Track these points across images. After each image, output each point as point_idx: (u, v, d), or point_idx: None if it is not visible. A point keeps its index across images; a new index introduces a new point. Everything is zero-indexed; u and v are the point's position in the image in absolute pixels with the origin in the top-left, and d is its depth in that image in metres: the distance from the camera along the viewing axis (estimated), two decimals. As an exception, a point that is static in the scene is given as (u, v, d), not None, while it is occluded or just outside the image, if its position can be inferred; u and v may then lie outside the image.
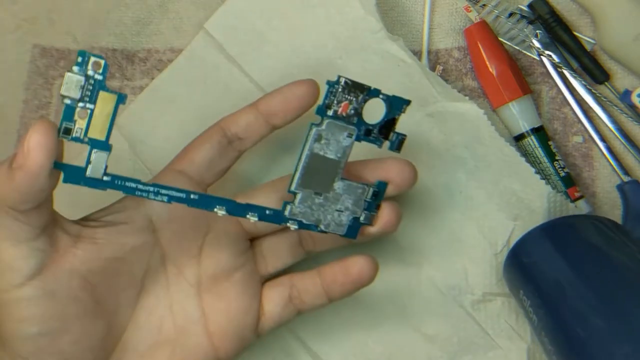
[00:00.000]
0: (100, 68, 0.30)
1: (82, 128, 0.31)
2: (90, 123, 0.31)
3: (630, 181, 0.44)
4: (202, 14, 0.47)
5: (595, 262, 0.37)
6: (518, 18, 0.45)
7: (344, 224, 0.37)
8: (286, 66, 0.45)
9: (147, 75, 0.48)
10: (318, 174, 0.36)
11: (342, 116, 0.35)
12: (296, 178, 0.35)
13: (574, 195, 0.44)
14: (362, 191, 0.37)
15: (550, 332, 0.36)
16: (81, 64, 0.30)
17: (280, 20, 0.45)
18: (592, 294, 0.36)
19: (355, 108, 0.35)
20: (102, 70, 0.30)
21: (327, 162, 0.36)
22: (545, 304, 0.37)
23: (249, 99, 0.45)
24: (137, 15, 0.48)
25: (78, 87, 0.30)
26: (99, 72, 0.30)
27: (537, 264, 0.39)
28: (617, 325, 0.34)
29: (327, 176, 0.36)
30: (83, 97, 0.30)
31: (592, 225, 0.39)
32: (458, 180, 0.43)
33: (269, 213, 0.35)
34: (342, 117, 0.35)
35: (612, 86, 0.45)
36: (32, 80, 0.48)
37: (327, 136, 0.35)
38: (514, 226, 0.42)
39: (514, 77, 0.44)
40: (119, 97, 0.31)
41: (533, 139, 0.44)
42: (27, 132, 0.30)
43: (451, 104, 0.43)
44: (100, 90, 0.31)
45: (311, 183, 0.36)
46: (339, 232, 0.37)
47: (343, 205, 0.36)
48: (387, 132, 0.37)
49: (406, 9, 0.46)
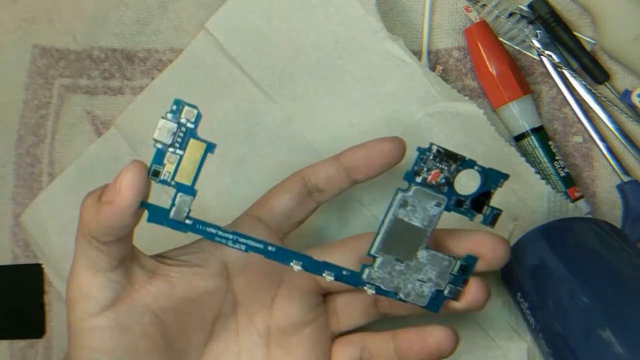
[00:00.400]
0: (193, 117, 0.32)
1: (170, 172, 0.32)
2: (178, 168, 0.32)
3: (630, 181, 0.44)
4: (202, 14, 0.47)
5: (592, 265, 0.37)
6: (518, 18, 0.45)
7: (426, 295, 0.35)
8: (286, 66, 0.45)
9: (147, 75, 0.48)
10: (401, 241, 0.35)
11: (431, 184, 0.34)
12: (377, 242, 0.34)
13: (574, 195, 0.44)
14: (448, 263, 0.35)
15: (548, 335, 0.36)
16: (175, 112, 0.31)
17: (280, 20, 0.45)
18: (589, 297, 0.35)
19: (446, 177, 0.34)
20: (194, 119, 0.32)
21: (411, 229, 0.34)
22: (543, 306, 0.37)
23: (249, 99, 0.45)
24: (137, 15, 0.48)
25: (170, 134, 0.31)
26: (192, 120, 0.32)
27: (535, 266, 0.39)
28: (614, 329, 0.34)
29: (411, 244, 0.35)
30: (174, 143, 0.32)
31: (589, 228, 0.39)
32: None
33: (345, 274, 0.34)
34: (432, 185, 0.34)
35: (612, 86, 0.45)
36: (32, 80, 0.48)
37: (413, 203, 0.34)
38: (514, 226, 0.42)
39: (514, 77, 0.44)
40: (208, 146, 0.32)
41: (533, 139, 0.44)
42: (121, 170, 0.31)
43: (451, 104, 0.43)
44: (191, 138, 0.32)
45: (393, 249, 0.35)
46: (419, 303, 0.35)
47: (426, 276, 0.35)
48: (480, 205, 0.35)
49: (406, 9, 0.46)
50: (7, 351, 0.48)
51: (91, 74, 0.48)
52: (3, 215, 0.49)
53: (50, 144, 0.48)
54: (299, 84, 0.45)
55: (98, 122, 0.47)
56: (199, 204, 0.46)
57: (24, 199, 0.48)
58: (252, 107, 0.45)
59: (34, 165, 0.48)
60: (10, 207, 0.49)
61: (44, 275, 0.48)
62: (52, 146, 0.48)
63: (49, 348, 0.48)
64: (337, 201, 0.41)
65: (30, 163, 0.48)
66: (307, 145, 0.44)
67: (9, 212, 0.49)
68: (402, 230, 0.34)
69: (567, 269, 0.37)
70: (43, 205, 0.47)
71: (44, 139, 0.48)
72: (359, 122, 0.44)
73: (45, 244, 0.47)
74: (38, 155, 0.48)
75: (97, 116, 0.48)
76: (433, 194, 0.34)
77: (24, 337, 0.48)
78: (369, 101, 0.44)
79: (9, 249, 0.49)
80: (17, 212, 0.49)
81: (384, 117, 0.44)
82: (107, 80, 0.48)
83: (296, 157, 0.44)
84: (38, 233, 0.47)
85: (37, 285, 0.48)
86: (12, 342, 0.48)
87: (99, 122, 0.48)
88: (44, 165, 0.48)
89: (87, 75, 0.48)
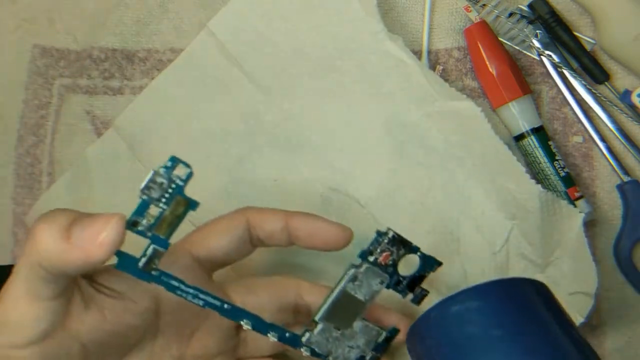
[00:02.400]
0: (185, 175, 0.31)
1: (149, 223, 0.31)
2: (158, 221, 0.31)
3: (630, 181, 0.44)
4: (203, 14, 0.47)
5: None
6: (518, 18, 0.45)
7: (351, 359, 0.39)
8: (286, 67, 0.45)
9: (147, 75, 0.48)
10: (343, 311, 0.38)
11: (380, 264, 0.37)
12: (322, 310, 0.37)
13: (574, 195, 0.44)
14: (376, 333, 0.39)
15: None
16: (169, 168, 0.31)
17: (281, 21, 0.45)
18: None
19: (394, 259, 0.38)
20: (185, 177, 0.31)
21: (354, 302, 0.38)
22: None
23: (249, 98, 0.45)
24: (137, 15, 0.48)
25: (159, 189, 0.31)
26: (183, 178, 0.31)
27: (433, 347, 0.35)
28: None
29: (351, 314, 0.38)
30: (160, 197, 0.31)
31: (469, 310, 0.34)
32: (456, 179, 0.43)
33: (288, 336, 0.37)
34: (381, 265, 0.37)
35: (612, 86, 0.45)
36: (32, 80, 0.48)
37: (361, 278, 0.37)
38: (513, 225, 0.42)
39: (514, 77, 0.44)
40: (191, 204, 0.32)
41: (533, 139, 0.44)
42: (100, 219, 0.29)
43: (449, 103, 0.43)
44: (178, 195, 0.31)
45: (334, 318, 0.38)
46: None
47: (355, 343, 0.39)
48: (413, 286, 0.39)
49: (406, 9, 0.46)
50: (7, 351, 0.48)
51: (91, 74, 0.48)
52: (3, 215, 0.49)
53: (50, 144, 0.48)
54: (298, 84, 0.45)
55: (98, 122, 0.48)
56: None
57: (24, 199, 0.48)
58: (251, 107, 0.45)
59: (34, 165, 0.48)
60: (10, 207, 0.49)
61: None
62: (52, 146, 0.48)
63: (49, 348, 0.48)
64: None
65: (30, 163, 0.48)
66: (306, 146, 0.44)
67: (9, 212, 0.49)
68: (346, 302, 0.38)
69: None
70: (45, 207, 0.47)
71: (44, 139, 0.48)
72: (358, 123, 0.44)
73: None
74: (38, 155, 0.48)
75: (97, 116, 0.48)
76: (380, 272, 0.38)
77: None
78: (368, 101, 0.44)
79: (9, 249, 0.49)
80: (17, 212, 0.49)
81: (383, 117, 0.44)
82: (107, 80, 0.48)
83: (295, 157, 0.44)
84: None
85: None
86: (12, 342, 0.48)
87: (98, 122, 0.48)
88: (44, 165, 0.48)
89: (87, 75, 0.48)
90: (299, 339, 0.37)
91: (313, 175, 0.44)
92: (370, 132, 0.44)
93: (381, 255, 0.37)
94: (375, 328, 0.39)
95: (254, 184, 0.44)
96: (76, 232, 0.30)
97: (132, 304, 0.35)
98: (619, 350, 0.44)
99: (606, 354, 0.44)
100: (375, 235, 0.37)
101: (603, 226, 0.45)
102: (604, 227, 0.45)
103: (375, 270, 0.37)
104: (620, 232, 0.44)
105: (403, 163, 0.43)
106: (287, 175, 0.44)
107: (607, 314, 0.44)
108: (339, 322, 0.38)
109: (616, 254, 0.44)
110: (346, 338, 0.38)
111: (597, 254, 0.44)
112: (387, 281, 0.38)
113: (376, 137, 0.44)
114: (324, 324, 0.38)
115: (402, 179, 0.43)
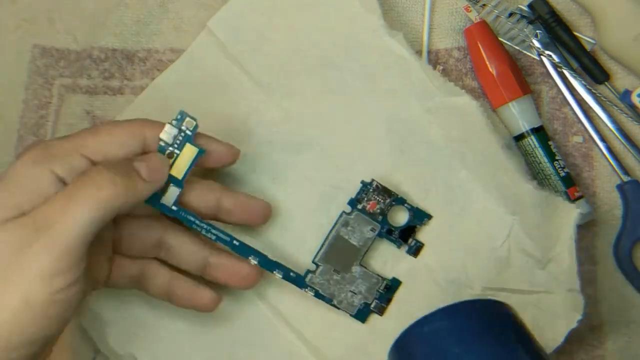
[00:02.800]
0: (192, 127, 0.39)
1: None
2: (173, 164, 0.39)
3: (630, 181, 0.44)
4: (203, 14, 0.47)
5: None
6: (518, 18, 0.45)
7: (355, 305, 0.42)
8: (285, 64, 0.45)
9: (147, 75, 0.48)
10: (340, 255, 0.42)
11: (369, 212, 0.42)
12: (321, 252, 0.42)
13: (574, 195, 0.44)
14: (376, 281, 0.42)
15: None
16: (179, 120, 0.39)
17: (280, 18, 0.45)
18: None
19: (381, 209, 0.42)
20: (192, 128, 0.39)
21: (349, 247, 0.42)
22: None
23: (248, 97, 0.45)
24: (137, 15, 0.48)
25: (172, 136, 0.38)
26: (190, 129, 0.39)
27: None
28: None
29: (347, 259, 0.42)
30: (173, 143, 0.38)
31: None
32: (457, 174, 0.43)
33: (292, 275, 0.41)
34: (369, 213, 0.42)
35: (612, 86, 0.45)
36: (32, 80, 0.48)
37: (353, 225, 0.42)
38: (513, 220, 0.42)
39: (514, 77, 0.44)
40: (199, 151, 0.39)
41: (533, 139, 0.44)
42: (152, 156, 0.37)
43: (449, 99, 0.43)
44: (187, 142, 0.39)
45: (332, 260, 0.42)
46: (349, 311, 0.42)
47: (357, 289, 0.42)
48: (406, 237, 0.42)
49: (406, 9, 0.46)
50: (6, 351, 0.48)
51: (91, 74, 0.48)
52: (3, 215, 0.49)
53: (50, 144, 0.48)
54: (297, 82, 0.45)
55: (98, 122, 0.48)
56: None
57: (24, 198, 0.48)
58: (251, 105, 0.45)
59: (34, 165, 0.48)
60: (10, 207, 0.49)
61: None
62: (52, 146, 0.48)
63: (49, 348, 0.48)
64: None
65: (30, 163, 0.48)
66: (306, 143, 0.44)
67: (9, 212, 0.49)
68: (342, 246, 0.42)
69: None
70: None
71: (44, 138, 0.48)
72: (358, 119, 0.44)
73: None
74: (38, 155, 0.48)
75: (97, 116, 0.48)
76: (369, 220, 0.42)
77: (24, 337, 0.48)
78: (368, 98, 0.44)
79: (8, 249, 0.49)
80: (17, 212, 0.49)
81: (383, 114, 0.44)
82: (107, 80, 0.48)
83: (295, 155, 0.44)
84: None
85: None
86: (12, 342, 0.48)
87: (99, 122, 0.48)
88: (43, 165, 0.48)
89: (87, 75, 0.48)
90: (303, 279, 0.41)
91: (313, 173, 0.44)
92: (371, 129, 0.44)
93: (368, 204, 0.42)
94: (374, 275, 0.42)
95: (254, 183, 0.44)
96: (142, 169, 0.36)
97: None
98: (619, 350, 0.44)
99: (606, 354, 0.44)
100: (361, 185, 0.42)
101: (603, 226, 0.45)
102: (604, 227, 0.45)
103: (365, 218, 0.42)
104: (620, 232, 0.44)
105: (404, 159, 0.43)
106: (286, 173, 0.44)
107: (607, 314, 0.44)
108: (337, 264, 0.42)
109: (616, 254, 0.44)
110: (347, 282, 0.42)
111: (597, 254, 0.44)
112: (379, 229, 0.42)
113: (377, 134, 0.44)
114: (323, 266, 0.42)
115: (403, 175, 0.43)
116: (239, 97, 0.45)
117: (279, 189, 0.44)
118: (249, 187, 0.45)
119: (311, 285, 0.41)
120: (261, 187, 0.44)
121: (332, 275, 0.42)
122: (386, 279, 0.42)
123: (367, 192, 0.42)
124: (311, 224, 0.43)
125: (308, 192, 0.44)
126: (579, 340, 0.44)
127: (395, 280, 0.42)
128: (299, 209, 0.44)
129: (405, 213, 0.42)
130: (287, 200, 0.44)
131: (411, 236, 0.42)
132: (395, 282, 0.42)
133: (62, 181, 0.35)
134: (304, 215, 0.44)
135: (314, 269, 0.42)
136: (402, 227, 0.42)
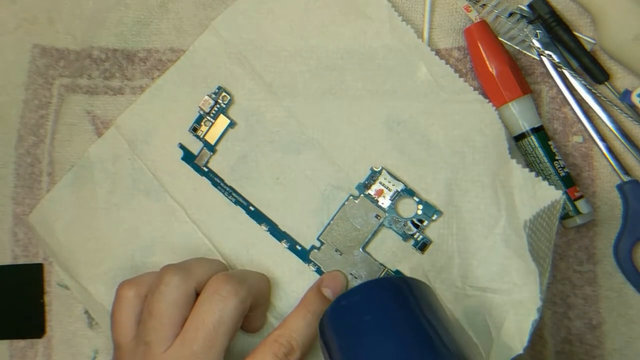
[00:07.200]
0: (227, 100, 0.45)
1: (203, 132, 0.45)
2: (208, 131, 0.45)
3: (630, 181, 0.44)
4: (203, 14, 0.47)
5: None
6: (518, 18, 0.45)
7: None
8: (287, 65, 0.45)
9: (147, 75, 0.48)
10: (342, 235, 0.43)
11: (375, 199, 0.43)
12: (326, 230, 0.43)
13: (574, 195, 0.44)
14: (377, 269, 0.43)
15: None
16: (216, 93, 0.45)
17: (284, 20, 0.45)
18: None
19: (389, 197, 0.43)
20: (226, 102, 0.45)
21: (352, 229, 0.43)
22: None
23: (250, 96, 0.45)
24: (137, 15, 0.48)
25: (209, 106, 0.45)
26: (225, 102, 0.45)
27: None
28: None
29: (349, 240, 0.43)
30: (209, 113, 0.45)
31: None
32: (457, 174, 0.43)
33: (298, 248, 0.44)
34: (376, 200, 0.43)
35: (612, 86, 0.45)
36: (32, 80, 0.48)
37: (358, 208, 0.43)
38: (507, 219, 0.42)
39: (514, 77, 0.44)
40: (230, 123, 0.45)
41: (533, 139, 0.44)
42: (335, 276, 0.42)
43: (452, 97, 0.43)
44: (221, 114, 0.45)
45: (334, 240, 0.43)
46: None
47: (357, 272, 0.43)
48: (413, 231, 0.43)
49: (406, 9, 0.46)
50: (7, 351, 0.48)
51: (91, 74, 0.48)
52: (3, 215, 0.49)
53: (50, 144, 0.48)
54: (299, 82, 0.45)
55: (98, 122, 0.48)
56: (198, 202, 0.46)
57: (24, 199, 0.49)
58: (252, 104, 0.45)
59: (34, 165, 0.48)
60: (10, 207, 0.49)
61: (44, 275, 0.48)
62: (52, 146, 0.48)
63: (49, 348, 0.48)
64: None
65: (30, 163, 0.49)
66: (307, 143, 0.45)
67: (9, 212, 0.49)
68: (345, 227, 0.43)
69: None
70: (48, 206, 0.47)
71: (44, 138, 0.48)
72: (359, 120, 0.44)
73: (54, 243, 0.47)
74: (38, 155, 0.48)
75: (97, 116, 0.48)
76: (375, 207, 0.43)
77: (24, 337, 0.48)
78: (369, 98, 0.44)
79: (9, 249, 0.49)
80: (17, 212, 0.49)
81: (384, 114, 0.44)
82: (107, 80, 0.48)
83: (297, 155, 0.44)
84: (46, 234, 0.47)
85: (37, 285, 0.48)
86: (12, 342, 0.48)
87: (99, 122, 0.48)
88: (44, 165, 0.48)
89: (87, 75, 0.48)
90: (307, 253, 0.43)
91: (315, 173, 0.44)
92: (372, 129, 0.44)
93: (375, 191, 0.43)
94: (375, 263, 0.43)
95: (256, 182, 0.45)
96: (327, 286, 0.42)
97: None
98: (619, 350, 0.44)
99: (606, 354, 0.44)
100: (370, 172, 0.43)
101: (603, 226, 0.45)
102: (604, 227, 0.45)
103: (370, 204, 0.43)
104: (620, 232, 0.44)
105: (405, 159, 0.43)
106: (289, 173, 0.44)
107: (607, 314, 0.44)
108: (339, 244, 0.43)
109: (616, 254, 0.44)
110: (348, 264, 0.43)
111: (597, 254, 0.44)
112: (384, 217, 0.43)
113: (378, 134, 0.44)
114: (326, 244, 0.43)
115: (403, 175, 0.43)
116: (240, 96, 0.46)
117: (280, 189, 0.44)
118: (250, 187, 0.45)
119: (314, 260, 0.43)
120: (264, 186, 0.45)
121: (333, 254, 0.43)
122: (390, 270, 0.43)
123: (375, 179, 0.43)
124: (311, 223, 0.44)
125: (309, 191, 0.44)
126: (579, 340, 0.44)
127: (398, 273, 0.43)
128: (299, 208, 0.44)
129: (414, 206, 0.43)
130: (287, 200, 0.44)
131: (419, 230, 0.43)
132: (399, 275, 0.42)
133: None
134: (304, 215, 0.44)
135: (318, 245, 0.43)
136: (408, 218, 0.43)
